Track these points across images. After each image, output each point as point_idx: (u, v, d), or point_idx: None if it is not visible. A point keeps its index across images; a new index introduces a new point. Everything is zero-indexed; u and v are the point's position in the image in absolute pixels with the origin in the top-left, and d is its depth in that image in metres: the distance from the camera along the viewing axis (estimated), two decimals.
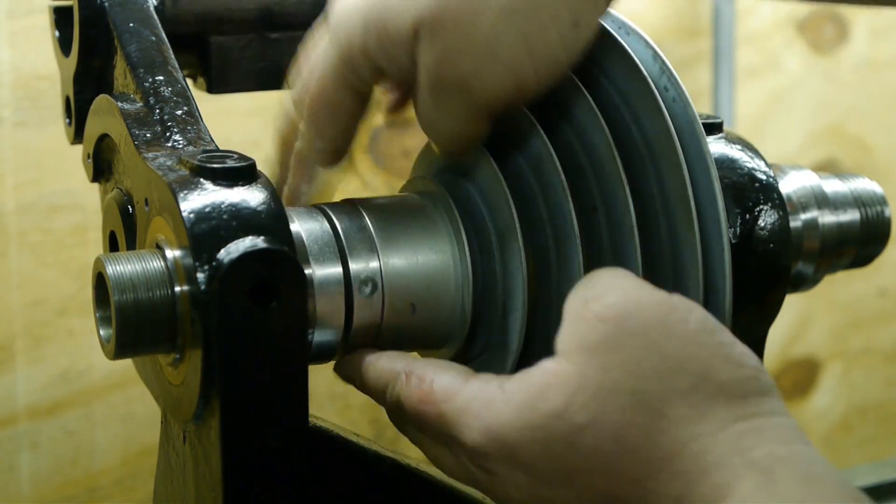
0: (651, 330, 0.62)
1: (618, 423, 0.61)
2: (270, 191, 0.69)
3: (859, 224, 0.89)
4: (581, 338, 0.63)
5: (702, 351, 0.62)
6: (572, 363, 0.63)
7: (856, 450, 1.74)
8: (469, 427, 0.65)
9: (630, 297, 0.64)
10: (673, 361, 0.62)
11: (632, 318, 0.63)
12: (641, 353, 0.62)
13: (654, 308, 0.63)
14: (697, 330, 0.63)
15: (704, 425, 0.61)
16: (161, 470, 0.77)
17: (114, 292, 0.67)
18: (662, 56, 0.74)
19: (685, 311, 0.64)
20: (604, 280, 0.66)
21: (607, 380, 0.61)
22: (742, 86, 1.58)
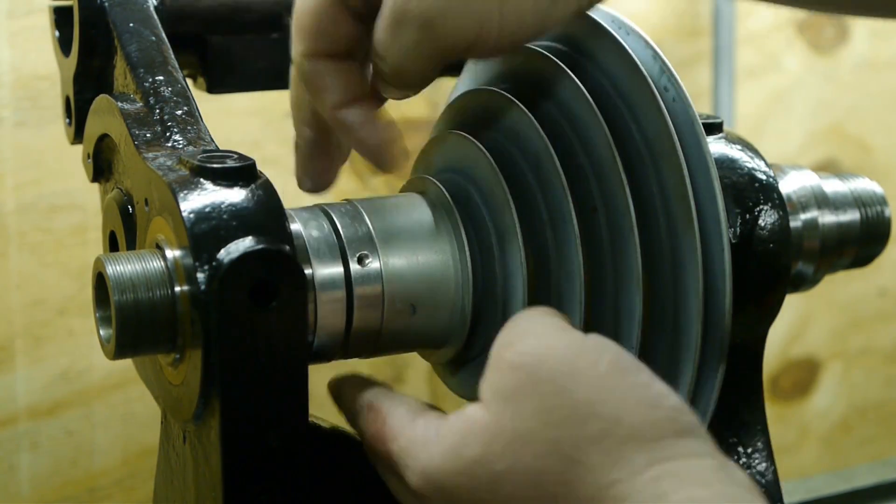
0: (561, 376, 0.62)
1: (534, 471, 0.61)
2: (270, 191, 0.69)
3: (859, 224, 0.89)
4: (497, 386, 0.63)
5: (612, 394, 0.61)
6: (490, 412, 0.63)
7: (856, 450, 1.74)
8: (409, 468, 0.65)
9: (541, 343, 0.63)
10: (584, 407, 0.61)
11: (542, 365, 0.62)
12: (552, 400, 0.61)
13: (564, 353, 0.63)
14: (608, 372, 0.62)
15: (619, 471, 0.60)
16: (161, 470, 0.77)
17: (114, 292, 0.67)
18: (662, 56, 0.74)
19: (596, 353, 0.63)
20: (521, 325, 0.65)
21: (521, 428, 0.61)
22: (742, 86, 1.58)
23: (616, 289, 0.73)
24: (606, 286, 0.73)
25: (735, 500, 0.59)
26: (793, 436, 1.70)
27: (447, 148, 0.78)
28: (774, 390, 1.66)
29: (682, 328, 0.73)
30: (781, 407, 1.68)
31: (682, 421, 0.61)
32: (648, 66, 0.74)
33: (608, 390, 0.61)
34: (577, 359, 0.62)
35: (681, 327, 0.73)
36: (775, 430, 0.84)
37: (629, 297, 0.72)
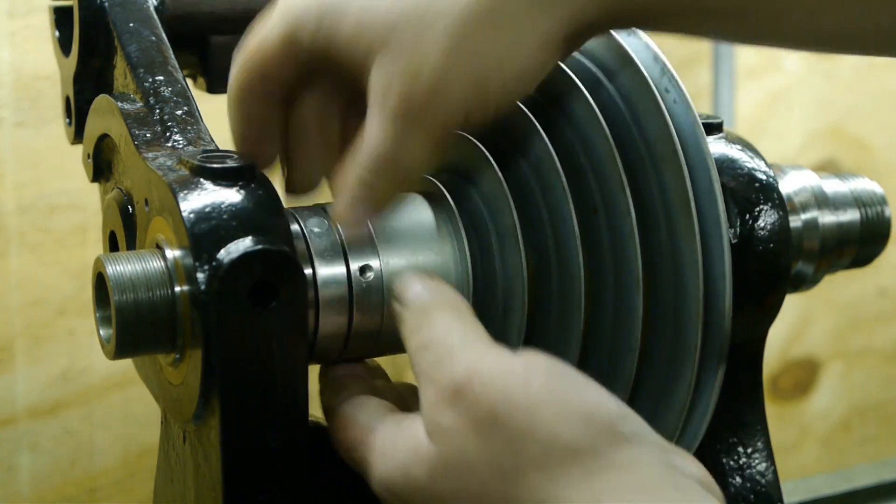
0: (497, 405, 0.62)
1: (478, 495, 0.63)
2: (270, 191, 0.69)
3: (859, 224, 0.89)
4: (437, 423, 0.64)
5: (547, 414, 0.62)
6: (432, 443, 0.64)
7: (856, 450, 1.74)
8: (369, 476, 0.68)
9: (475, 374, 0.64)
10: (520, 433, 0.62)
11: (478, 399, 0.63)
12: (489, 430, 0.62)
13: (497, 382, 0.63)
14: (540, 392, 0.62)
15: (557, 488, 0.61)
16: (161, 470, 0.77)
17: (114, 292, 0.67)
18: (664, 58, 0.74)
19: (526, 374, 0.63)
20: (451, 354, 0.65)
21: (463, 458, 0.63)
22: (742, 86, 1.58)
23: (616, 290, 0.73)
24: (606, 287, 0.73)
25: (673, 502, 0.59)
26: (793, 436, 1.70)
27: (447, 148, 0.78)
28: (774, 390, 1.66)
29: (682, 329, 0.73)
30: (781, 407, 1.68)
31: (619, 430, 0.62)
32: (649, 67, 0.74)
33: (542, 411, 0.62)
34: (509, 386, 0.63)
35: (681, 328, 0.73)
36: (775, 430, 0.84)
37: (629, 298, 0.72)
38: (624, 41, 0.74)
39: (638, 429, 0.63)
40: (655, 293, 0.73)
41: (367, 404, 0.71)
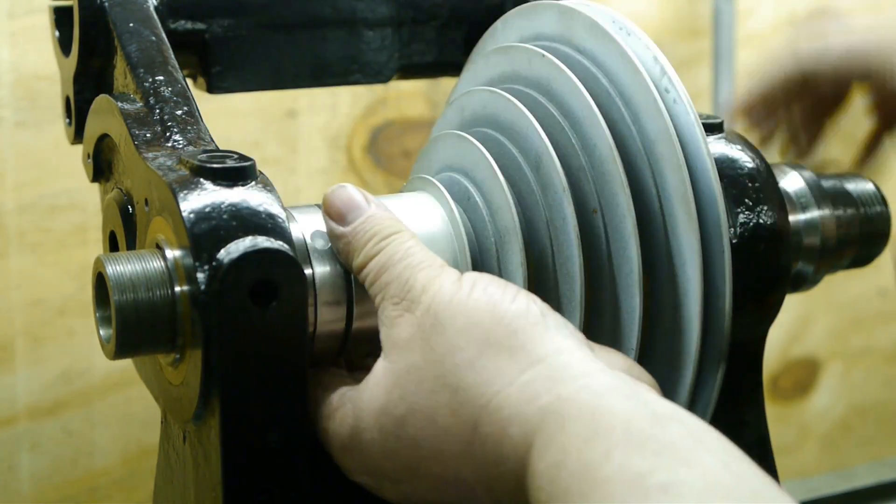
0: (440, 314, 0.67)
1: (429, 408, 0.66)
2: (271, 191, 0.69)
3: (859, 224, 0.89)
4: (391, 335, 0.68)
5: (481, 317, 0.66)
6: (388, 360, 0.68)
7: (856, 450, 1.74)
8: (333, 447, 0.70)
9: (427, 290, 0.68)
10: (458, 337, 0.66)
11: (427, 309, 0.67)
12: (434, 339, 0.66)
13: (444, 293, 0.67)
14: (477, 299, 0.67)
15: (494, 385, 0.64)
16: (161, 470, 0.77)
17: (114, 292, 0.67)
18: (663, 58, 0.74)
19: (469, 284, 0.68)
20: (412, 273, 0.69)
21: (412, 370, 0.66)
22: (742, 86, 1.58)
23: (616, 290, 0.73)
24: (606, 287, 0.73)
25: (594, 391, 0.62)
26: (793, 436, 1.70)
27: (447, 148, 0.78)
28: (774, 390, 1.66)
29: (682, 329, 0.73)
30: (781, 407, 1.68)
31: (547, 323, 0.66)
32: (649, 67, 0.74)
33: (477, 314, 0.66)
34: (454, 295, 0.67)
35: (681, 328, 0.73)
36: (775, 430, 0.84)
37: (629, 297, 0.72)
38: (623, 42, 0.74)
39: (564, 323, 0.67)
40: (655, 293, 0.73)
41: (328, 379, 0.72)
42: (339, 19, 0.91)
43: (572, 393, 0.62)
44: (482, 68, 0.82)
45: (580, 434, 0.60)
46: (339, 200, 0.72)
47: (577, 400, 0.62)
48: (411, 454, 0.67)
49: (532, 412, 0.62)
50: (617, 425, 0.60)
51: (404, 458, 0.67)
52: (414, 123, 1.34)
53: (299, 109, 1.28)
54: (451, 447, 0.65)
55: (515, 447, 0.63)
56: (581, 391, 0.62)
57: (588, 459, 0.58)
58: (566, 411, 0.61)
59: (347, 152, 1.32)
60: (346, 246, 0.71)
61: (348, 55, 0.92)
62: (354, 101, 1.31)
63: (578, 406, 0.61)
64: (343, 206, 0.72)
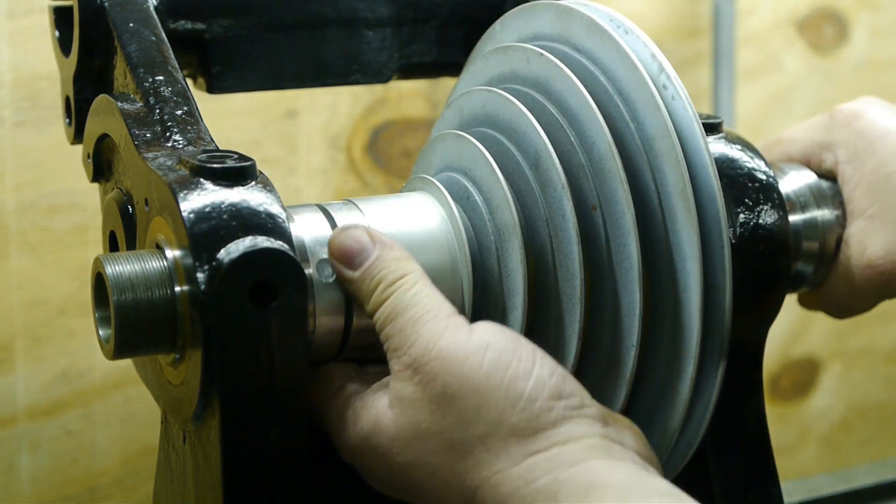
0: (450, 384, 0.68)
1: (432, 464, 0.69)
2: (270, 191, 0.69)
3: None
4: (398, 393, 0.69)
5: (495, 395, 0.68)
6: (393, 412, 0.69)
7: (856, 450, 1.74)
8: (337, 443, 0.72)
9: (433, 350, 0.69)
10: (470, 412, 0.68)
11: (435, 377, 0.68)
12: (443, 407, 0.68)
13: (451, 360, 0.68)
14: (490, 372, 0.68)
15: (500, 464, 0.67)
16: (161, 470, 0.77)
17: (113, 292, 0.67)
18: (661, 55, 0.74)
19: (480, 352, 0.68)
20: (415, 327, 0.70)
21: (417, 429, 0.69)
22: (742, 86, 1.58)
23: (616, 286, 0.73)
24: (606, 284, 0.73)
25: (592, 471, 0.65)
26: (793, 436, 1.69)
27: (447, 147, 0.78)
28: (774, 390, 1.66)
29: (682, 325, 0.73)
30: (781, 407, 1.67)
31: (560, 408, 0.68)
32: (647, 64, 0.74)
33: (490, 392, 0.68)
34: (464, 364, 0.68)
35: (681, 324, 0.73)
36: (775, 430, 0.84)
37: (629, 294, 0.72)
38: (621, 39, 0.74)
39: (575, 403, 0.68)
40: (655, 289, 0.73)
41: (326, 372, 0.73)
42: (339, 19, 0.91)
43: (570, 475, 0.66)
44: (481, 69, 0.82)
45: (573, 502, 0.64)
46: (345, 245, 0.72)
47: (573, 479, 0.65)
48: (412, 487, 0.70)
49: (528, 492, 0.66)
50: (610, 496, 0.63)
51: (405, 486, 0.70)
52: (414, 123, 1.34)
53: (299, 109, 1.28)
54: (449, 498, 0.69)
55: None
56: (580, 472, 0.65)
57: None
58: (561, 490, 0.65)
59: (347, 152, 1.32)
60: (356, 291, 0.72)
61: (348, 55, 0.91)
62: (354, 101, 1.31)
63: (573, 484, 0.65)
64: (349, 250, 0.72)
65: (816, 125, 0.91)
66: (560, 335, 0.74)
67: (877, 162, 0.86)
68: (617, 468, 0.65)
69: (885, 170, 0.86)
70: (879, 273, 0.86)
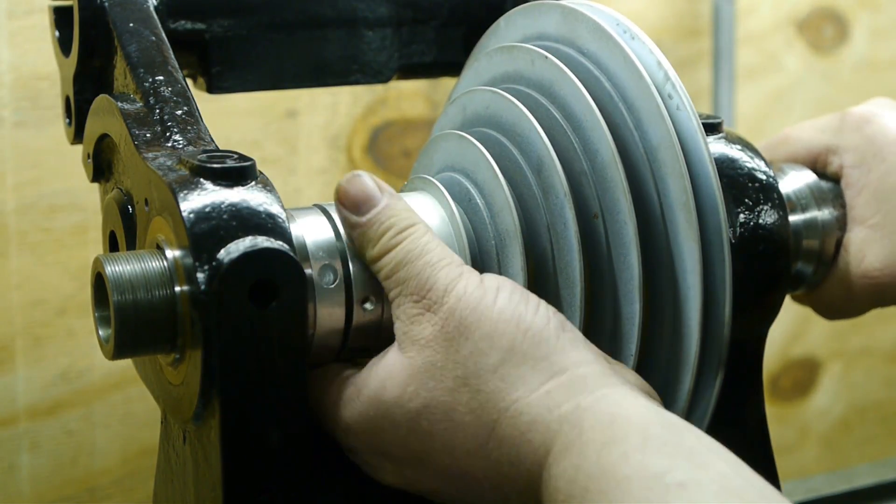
0: (465, 319, 0.68)
1: (445, 405, 0.68)
2: (270, 191, 0.69)
3: None
4: (410, 332, 0.69)
5: (506, 326, 0.68)
6: (406, 356, 0.69)
7: (856, 450, 1.74)
8: (338, 427, 0.71)
9: (450, 291, 0.69)
10: (483, 342, 0.68)
11: (452, 312, 0.69)
12: (458, 341, 0.68)
13: (468, 299, 0.69)
14: (502, 308, 0.69)
15: (517, 392, 0.67)
16: (161, 470, 0.77)
17: (113, 292, 0.67)
18: (666, 63, 0.74)
19: (493, 291, 0.69)
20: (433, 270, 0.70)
21: (432, 368, 0.68)
22: (742, 86, 1.58)
23: (616, 296, 0.73)
24: (606, 293, 0.73)
25: (612, 400, 0.65)
26: (793, 436, 1.70)
27: (449, 147, 0.78)
28: (774, 390, 1.66)
29: (681, 336, 0.73)
30: (781, 407, 1.67)
31: (563, 337, 0.69)
32: (653, 72, 0.73)
33: (503, 324, 0.68)
34: (479, 301, 0.69)
35: (680, 335, 0.73)
36: (775, 430, 0.84)
37: (629, 304, 0.72)
38: (628, 44, 0.74)
39: (580, 338, 0.69)
40: (655, 300, 0.73)
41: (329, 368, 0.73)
42: (339, 19, 0.91)
43: (591, 402, 0.65)
44: (485, 66, 0.82)
45: (598, 438, 0.63)
46: (353, 190, 0.72)
47: (595, 408, 0.65)
48: (422, 445, 0.69)
49: (552, 419, 0.65)
50: (634, 431, 0.63)
51: (414, 447, 0.69)
52: (414, 123, 1.34)
53: (299, 109, 1.28)
54: (464, 443, 0.68)
55: (534, 450, 0.66)
56: (600, 400, 0.65)
57: (606, 461, 0.61)
58: (585, 418, 0.64)
59: (347, 152, 1.32)
60: (360, 236, 0.72)
61: (348, 55, 0.92)
62: (354, 101, 1.31)
63: (596, 414, 0.65)
64: (358, 196, 0.72)
65: (826, 126, 0.90)
66: None
67: (884, 170, 0.86)
68: (634, 399, 0.66)
69: (891, 179, 0.85)
70: (875, 284, 0.86)
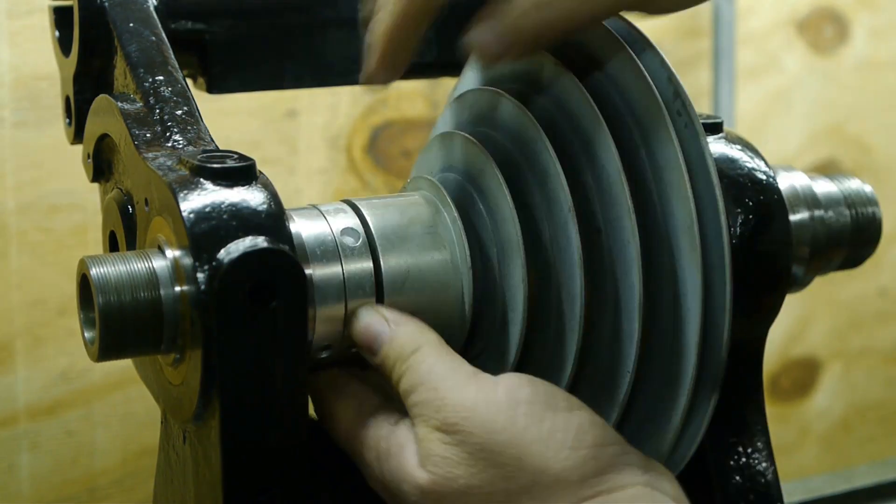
0: (487, 441, 0.67)
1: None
2: (270, 191, 0.69)
3: (850, 225, 0.88)
4: (428, 452, 0.68)
5: (534, 447, 0.67)
6: (429, 472, 0.68)
7: (856, 450, 1.74)
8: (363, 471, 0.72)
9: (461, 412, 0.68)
10: (511, 464, 0.67)
11: (469, 437, 0.67)
12: (482, 465, 0.67)
13: (482, 417, 0.68)
14: (527, 425, 0.67)
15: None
16: (161, 470, 0.77)
17: (98, 295, 0.67)
18: (677, 79, 0.73)
19: (512, 406, 0.68)
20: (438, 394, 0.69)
21: (455, 486, 0.68)
22: (742, 86, 1.58)
23: (615, 313, 0.72)
24: (606, 310, 0.72)
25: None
26: (793, 436, 1.70)
27: (451, 148, 0.78)
28: (774, 390, 1.66)
29: (679, 356, 0.72)
30: (781, 407, 1.68)
31: (604, 457, 0.67)
32: (662, 87, 0.73)
33: (530, 444, 0.67)
34: (496, 419, 0.67)
35: (678, 356, 0.72)
36: (775, 430, 0.84)
37: (629, 321, 0.72)
38: (638, 56, 0.73)
39: (619, 451, 0.68)
40: (654, 319, 0.73)
41: (352, 391, 0.73)
42: (339, 19, 0.91)
43: None
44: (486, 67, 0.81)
45: None
46: (359, 331, 0.72)
47: None
48: None
49: None
50: None
51: None
52: (414, 123, 1.34)
53: (299, 109, 1.28)
54: None
55: None
56: None
57: None
58: None
59: (347, 152, 1.32)
60: (382, 373, 0.72)
61: (349, 55, 0.91)
62: (354, 101, 1.31)
63: None
64: (366, 338, 0.72)
65: None
66: (557, 353, 0.73)
67: None
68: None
69: None
70: None
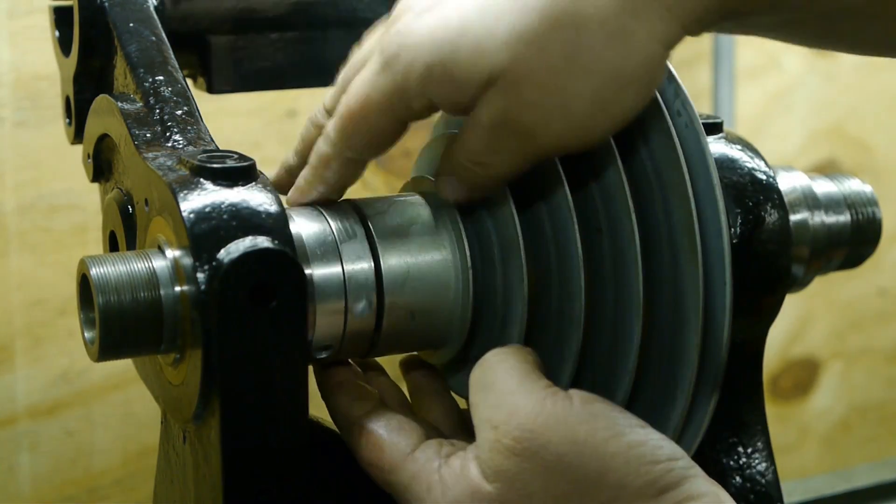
0: (567, 454, 0.66)
1: None
2: (271, 191, 0.69)
3: (850, 225, 0.89)
4: (497, 466, 0.67)
5: (615, 461, 0.66)
6: (493, 486, 0.67)
7: (856, 450, 1.74)
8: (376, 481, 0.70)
9: (536, 422, 0.66)
10: (589, 480, 0.66)
11: (546, 448, 0.66)
12: (558, 478, 0.66)
13: (561, 430, 0.66)
14: (606, 438, 0.66)
15: None
16: (161, 470, 0.77)
17: (97, 295, 0.67)
18: (678, 79, 0.73)
19: (590, 419, 0.67)
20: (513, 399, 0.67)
21: (528, 499, 0.66)
22: (742, 86, 1.58)
23: (615, 313, 0.72)
24: (606, 310, 0.72)
25: None
26: (793, 436, 1.70)
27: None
28: (774, 390, 1.66)
29: (678, 358, 0.72)
30: (781, 407, 1.68)
31: (677, 470, 0.67)
32: (663, 87, 0.72)
33: (610, 458, 0.66)
34: (575, 432, 0.66)
35: (677, 357, 0.72)
36: (775, 430, 0.84)
37: (628, 322, 0.71)
38: None
39: (687, 464, 0.68)
40: (654, 320, 0.72)
41: (397, 422, 0.72)
42: (339, 19, 0.91)
43: None
44: None
45: None
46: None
47: None
48: None
49: None
50: None
51: None
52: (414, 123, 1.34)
53: (299, 109, 1.28)
54: None
55: None
56: None
57: None
58: None
59: None
60: None
61: (348, 55, 0.91)
62: None
63: None
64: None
65: None
66: (556, 354, 0.73)
67: None
68: None
69: None
70: None
